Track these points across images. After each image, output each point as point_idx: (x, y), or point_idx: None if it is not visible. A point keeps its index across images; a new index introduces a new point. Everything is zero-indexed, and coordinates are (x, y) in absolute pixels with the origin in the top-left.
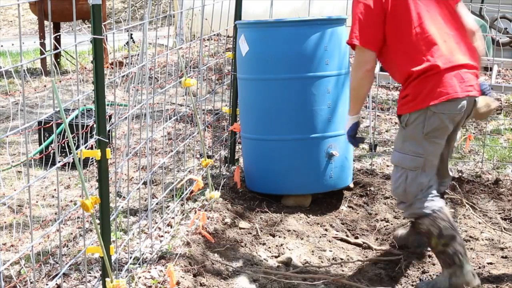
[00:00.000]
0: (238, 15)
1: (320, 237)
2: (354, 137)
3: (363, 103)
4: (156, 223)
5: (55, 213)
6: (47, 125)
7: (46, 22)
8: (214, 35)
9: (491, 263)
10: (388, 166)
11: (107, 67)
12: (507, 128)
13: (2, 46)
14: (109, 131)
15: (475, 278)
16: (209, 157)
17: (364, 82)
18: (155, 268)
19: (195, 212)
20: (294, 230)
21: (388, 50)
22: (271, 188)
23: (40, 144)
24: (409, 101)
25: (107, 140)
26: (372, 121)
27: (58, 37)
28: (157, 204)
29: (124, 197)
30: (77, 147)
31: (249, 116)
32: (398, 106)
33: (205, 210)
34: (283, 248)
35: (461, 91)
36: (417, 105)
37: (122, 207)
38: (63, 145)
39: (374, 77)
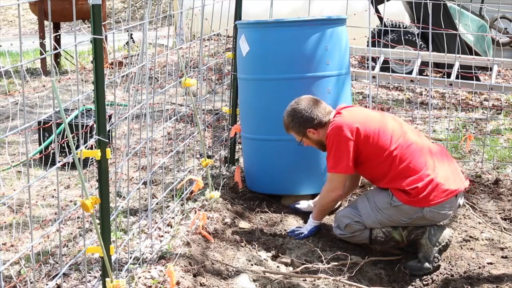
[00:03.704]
0: (238, 15)
1: (320, 237)
2: (307, 236)
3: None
4: (156, 223)
5: (55, 213)
6: (47, 125)
7: (46, 22)
8: (214, 35)
9: (491, 263)
10: None
11: (107, 67)
12: (507, 128)
13: (1, 46)
14: (109, 131)
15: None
16: (209, 157)
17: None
18: (155, 268)
19: (195, 212)
20: None
21: None
22: (271, 188)
23: (40, 144)
24: None
25: (107, 140)
26: None
27: (58, 37)
28: (157, 204)
29: (124, 197)
30: (77, 147)
31: (250, 116)
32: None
33: (205, 210)
34: (283, 248)
35: None
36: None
37: (122, 207)
38: (63, 145)
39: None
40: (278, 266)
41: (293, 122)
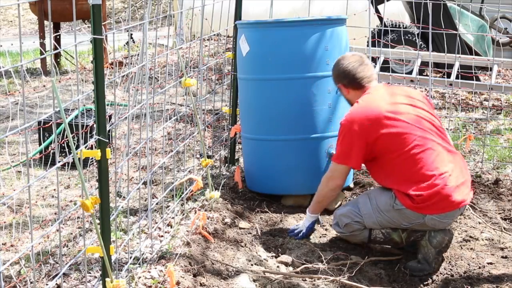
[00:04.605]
0: (238, 15)
1: (320, 237)
2: (306, 234)
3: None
4: (156, 223)
5: (55, 213)
6: (47, 125)
7: (46, 22)
8: (214, 35)
9: (491, 263)
10: None
11: (107, 67)
12: (507, 128)
13: (1, 46)
14: (109, 131)
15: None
16: (209, 157)
17: (333, 193)
18: (155, 268)
19: (195, 212)
20: None
21: None
22: (271, 188)
23: (40, 144)
24: None
25: (107, 140)
26: None
27: (58, 37)
28: (157, 204)
29: (124, 197)
30: (77, 147)
31: (250, 116)
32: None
33: (205, 210)
34: (283, 248)
35: None
36: None
37: (122, 207)
38: (63, 145)
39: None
40: (278, 266)
41: (332, 70)
